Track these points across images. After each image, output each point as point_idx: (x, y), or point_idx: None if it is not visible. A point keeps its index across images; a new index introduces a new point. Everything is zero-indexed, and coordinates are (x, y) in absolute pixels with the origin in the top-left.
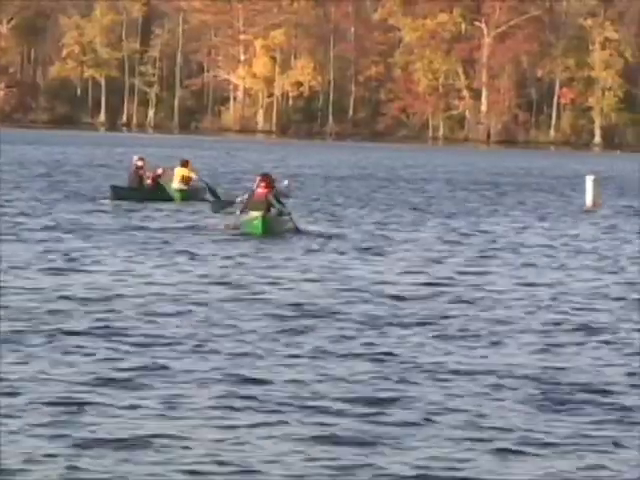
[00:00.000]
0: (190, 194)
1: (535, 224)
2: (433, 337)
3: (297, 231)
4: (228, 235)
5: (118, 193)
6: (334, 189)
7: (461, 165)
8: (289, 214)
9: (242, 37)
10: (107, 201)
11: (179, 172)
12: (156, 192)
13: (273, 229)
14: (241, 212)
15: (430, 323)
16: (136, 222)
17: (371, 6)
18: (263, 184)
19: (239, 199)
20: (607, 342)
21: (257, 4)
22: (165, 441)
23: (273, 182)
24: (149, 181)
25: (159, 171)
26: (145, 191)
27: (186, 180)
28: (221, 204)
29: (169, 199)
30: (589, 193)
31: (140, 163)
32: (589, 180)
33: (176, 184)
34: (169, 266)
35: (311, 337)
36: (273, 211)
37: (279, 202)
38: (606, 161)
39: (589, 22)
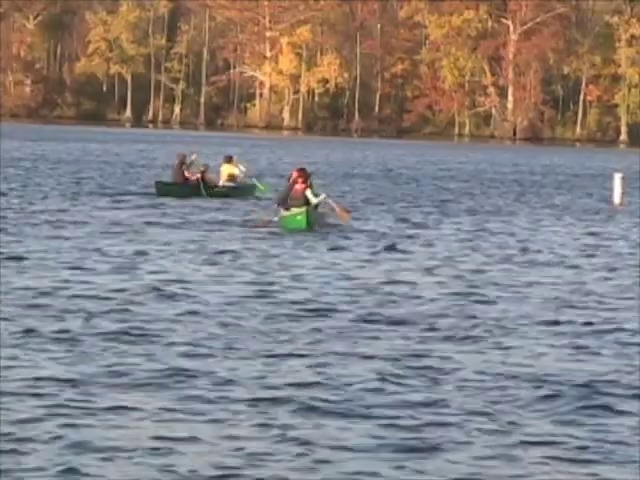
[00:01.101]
0: (237, 190)
1: (561, 222)
2: (449, 339)
3: (331, 222)
4: (267, 229)
5: (162, 189)
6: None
7: (488, 163)
8: (324, 202)
9: (268, 34)
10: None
11: (225, 169)
12: (201, 188)
13: (315, 223)
14: (278, 206)
15: (450, 324)
16: (182, 219)
17: (397, 3)
18: (300, 180)
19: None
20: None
21: (283, 1)
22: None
23: (309, 177)
24: (195, 177)
25: (202, 167)
26: (190, 187)
27: (232, 177)
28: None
29: (214, 195)
30: (617, 190)
31: (185, 160)
32: (617, 177)
33: (222, 181)
34: (215, 265)
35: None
36: (311, 205)
37: (315, 195)
38: (633, 158)
39: (615, 19)
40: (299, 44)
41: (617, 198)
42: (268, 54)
